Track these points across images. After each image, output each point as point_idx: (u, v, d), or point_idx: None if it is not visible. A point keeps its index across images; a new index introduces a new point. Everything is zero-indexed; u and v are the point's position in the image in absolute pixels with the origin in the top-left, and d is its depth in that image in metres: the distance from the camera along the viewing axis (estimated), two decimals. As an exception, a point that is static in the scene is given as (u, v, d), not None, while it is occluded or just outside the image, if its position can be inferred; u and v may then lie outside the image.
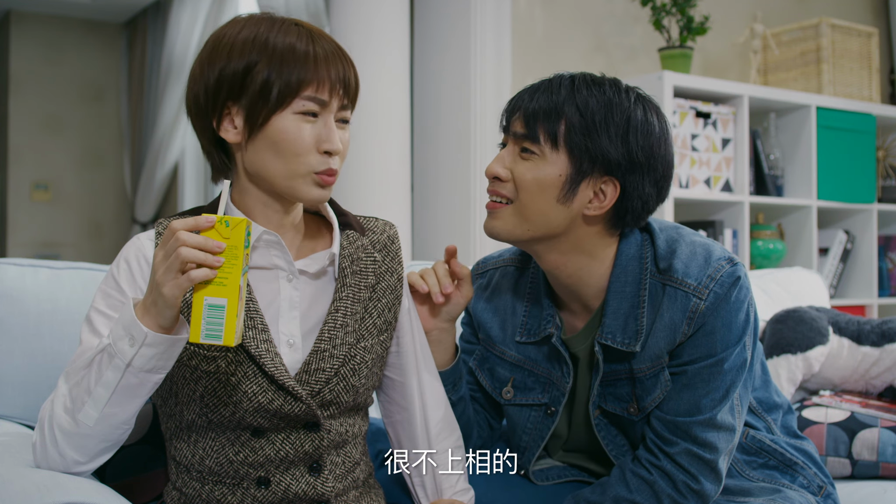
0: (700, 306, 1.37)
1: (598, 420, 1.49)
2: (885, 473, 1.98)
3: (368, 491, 1.42)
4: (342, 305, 1.35)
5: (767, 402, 1.60)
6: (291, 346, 1.32)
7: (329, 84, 1.27)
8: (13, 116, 6.61)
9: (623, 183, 1.37)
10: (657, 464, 1.41)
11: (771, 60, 3.83)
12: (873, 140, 3.78)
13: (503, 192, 1.41)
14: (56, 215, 6.75)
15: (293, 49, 1.26)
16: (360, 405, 1.40)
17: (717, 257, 1.40)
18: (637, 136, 1.36)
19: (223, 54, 1.27)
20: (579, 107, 1.36)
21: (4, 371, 1.56)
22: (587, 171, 1.36)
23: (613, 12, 3.65)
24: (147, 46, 6.34)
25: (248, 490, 1.31)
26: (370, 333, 1.37)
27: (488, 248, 3.27)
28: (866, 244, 3.82)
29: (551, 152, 1.37)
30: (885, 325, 2.20)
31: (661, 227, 1.47)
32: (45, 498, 1.09)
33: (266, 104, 1.25)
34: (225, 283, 1.10)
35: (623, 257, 1.43)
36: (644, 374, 1.42)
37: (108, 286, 1.30)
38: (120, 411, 1.19)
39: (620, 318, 1.42)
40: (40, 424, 1.23)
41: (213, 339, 1.10)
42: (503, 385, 1.57)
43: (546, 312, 1.51)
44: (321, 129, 1.28)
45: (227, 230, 1.10)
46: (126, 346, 1.15)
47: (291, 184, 1.28)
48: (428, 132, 3.45)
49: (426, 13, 3.47)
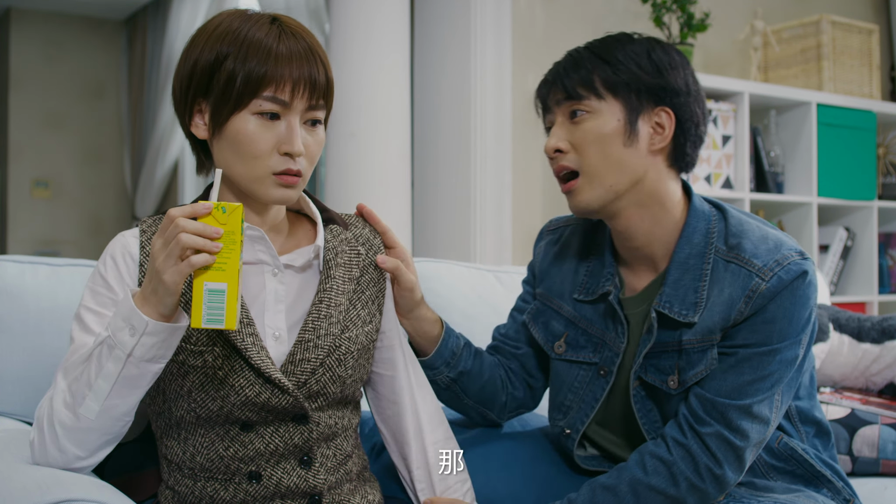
0: (761, 286, 1.37)
1: (635, 391, 1.49)
2: (885, 470, 1.98)
3: (363, 484, 1.43)
4: (326, 297, 1.35)
5: (807, 414, 1.57)
6: (277, 338, 1.32)
7: (291, 84, 1.24)
8: (13, 113, 6.61)
9: (673, 107, 1.43)
10: (683, 442, 1.40)
11: (771, 57, 3.83)
12: (874, 137, 3.78)
13: (567, 163, 1.45)
14: (56, 212, 6.75)
15: (259, 45, 1.25)
16: (348, 398, 1.40)
17: (788, 247, 1.41)
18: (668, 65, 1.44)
19: (198, 47, 1.28)
20: (610, 63, 1.43)
21: (4, 368, 1.56)
22: (638, 106, 1.42)
23: (614, 10, 3.65)
24: (147, 44, 6.34)
25: (239, 485, 1.31)
26: (354, 324, 1.37)
27: (489, 248, 3.28)
28: (866, 241, 3.82)
29: (599, 103, 1.43)
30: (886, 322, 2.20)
31: (735, 210, 1.50)
32: (45, 495, 1.09)
33: (227, 103, 1.25)
34: (224, 268, 1.12)
35: (690, 227, 1.46)
36: (693, 346, 1.42)
37: (95, 284, 1.31)
38: (121, 403, 1.19)
39: (680, 289, 1.43)
40: (38, 422, 1.23)
41: (214, 323, 1.12)
42: (556, 339, 1.58)
43: (607, 270, 1.53)
44: (282, 131, 1.26)
45: (224, 216, 1.12)
46: (126, 336, 1.15)
47: (252, 185, 1.28)
48: (428, 131, 3.45)
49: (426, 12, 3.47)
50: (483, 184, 3.29)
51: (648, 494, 1.40)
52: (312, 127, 1.30)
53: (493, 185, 3.30)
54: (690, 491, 1.40)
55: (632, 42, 1.46)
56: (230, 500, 1.31)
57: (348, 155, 3.01)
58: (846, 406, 2.05)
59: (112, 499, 1.16)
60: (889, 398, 2.14)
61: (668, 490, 1.40)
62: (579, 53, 1.48)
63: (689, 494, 1.40)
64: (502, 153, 3.32)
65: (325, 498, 1.35)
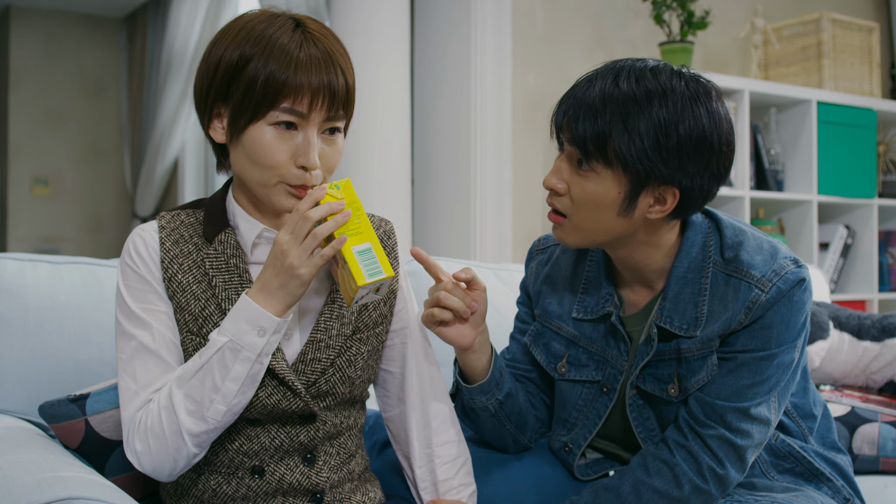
0: (761, 298, 1.38)
1: (632, 400, 1.49)
2: (885, 468, 1.99)
3: (364, 484, 1.43)
4: (339, 297, 1.36)
5: (804, 408, 1.58)
6: (289, 338, 1.32)
7: (310, 96, 1.23)
8: (13, 111, 6.61)
9: (681, 187, 1.36)
10: (684, 444, 1.41)
11: (771, 55, 3.83)
12: (874, 135, 3.78)
13: (559, 206, 1.41)
14: (56, 210, 6.75)
15: (280, 52, 1.23)
16: (356, 398, 1.40)
17: (783, 255, 1.41)
18: (689, 149, 1.33)
19: (221, 47, 1.27)
20: (629, 130, 1.32)
21: (4, 366, 1.56)
22: (644, 183, 1.34)
23: (614, 7, 3.65)
24: (147, 41, 6.34)
25: (242, 479, 1.31)
26: (366, 325, 1.38)
27: (489, 247, 3.27)
28: (867, 239, 3.82)
29: (605, 170, 1.35)
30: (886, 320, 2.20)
31: (727, 218, 1.48)
32: (46, 493, 1.09)
33: (245, 112, 1.24)
34: (361, 231, 1.22)
35: (688, 242, 1.44)
36: (693, 354, 1.42)
37: (129, 281, 1.31)
38: (244, 399, 1.25)
39: (680, 304, 1.43)
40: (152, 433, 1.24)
41: (376, 275, 1.20)
42: (558, 360, 1.57)
43: (605, 290, 1.52)
44: (299, 143, 1.25)
45: (339, 192, 1.23)
46: (254, 338, 1.21)
47: (265, 192, 1.28)
48: (428, 130, 3.45)
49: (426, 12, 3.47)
50: (483, 182, 3.28)
51: (651, 496, 1.40)
52: (331, 136, 1.29)
53: (493, 184, 3.30)
54: (694, 492, 1.40)
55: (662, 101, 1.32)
56: (232, 494, 1.32)
57: (348, 153, 3.01)
58: (846, 404, 2.05)
59: (112, 497, 1.16)
60: (889, 396, 2.14)
61: (672, 492, 1.40)
62: (601, 101, 1.34)
63: (693, 495, 1.40)
64: (502, 152, 3.31)
65: (326, 496, 1.35)
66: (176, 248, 1.31)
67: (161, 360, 1.28)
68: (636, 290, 1.51)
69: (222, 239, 1.32)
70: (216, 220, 1.34)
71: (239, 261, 1.32)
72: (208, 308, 1.29)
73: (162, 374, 1.27)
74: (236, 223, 1.34)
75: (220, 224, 1.34)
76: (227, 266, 1.31)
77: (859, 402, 2.06)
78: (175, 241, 1.32)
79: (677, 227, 1.46)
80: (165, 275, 1.30)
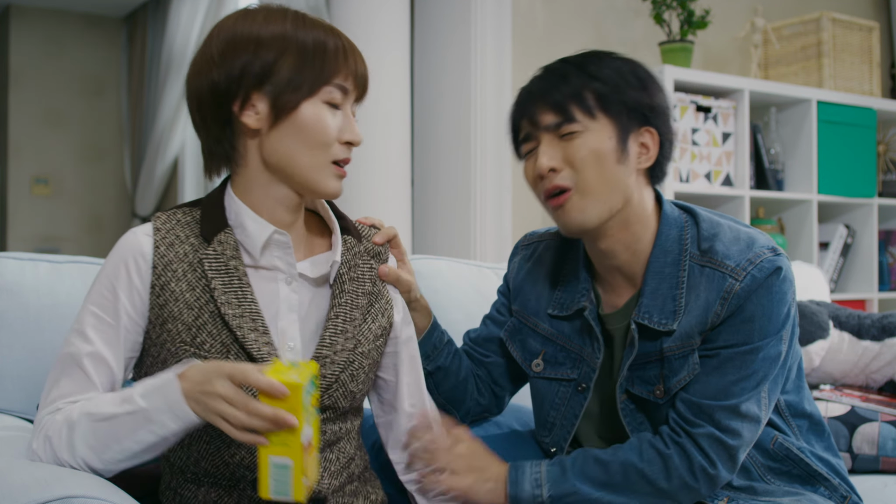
0: (735, 287, 1.37)
1: (623, 404, 1.49)
2: (885, 468, 1.99)
3: (365, 484, 1.42)
4: (342, 311, 1.34)
5: (797, 407, 1.56)
6: (292, 349, 1.30)
7: (354, 76, 1.30)
8: (13, 110, 6.61)
9: (657, 127, 1.44)
10: (678, 440, 1.40)
11: (772, 55, 3.83)
12: (874, 134, 3.78)
13: (562, 182, 1.42)
14: (56, 209, 6.75)
15: (323, 43, 1.27)
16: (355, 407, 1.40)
17: (760, 245, 1.41)
18: (650, 83, 1.45)
19: (249, 46, 1.25)
20: (597, 76, 1.42)
21: (4, 365, 1.56)
22: (629, 125, 1.42)
23: (614, 6, 3.65)
24: (147, 41, 6.34)
25: (244, 492, 1.30)
26: (367, 339, 1.36)
27: (489, 247, 3.27)
28: (867, 238, 3.82)
29: (592, 122, 1.41)
30: (886, 319, 2.20)
31: (705, 211, 1.49)
32: (46, 492, 1.09)
33: (297, 90, 1.25)
34: (288, 444, 1.09)
35: (663, 236, 1.45)
36: (674, 353, 1.42)
37: (102, 286, 1.29)
38: (148, 457, 1.20)
39: (658, 299, 1.43)
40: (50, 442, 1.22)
41: (282, 495, 1.10)
42: (534, 357, 1.58)
43: (581, 286, 1.52)
44: (342, 120, 1.30)
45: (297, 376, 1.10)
46: (168, 420, 1.15)
47: (313, 174, 1.29)
48: (428, 129, 3.45)
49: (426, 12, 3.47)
50: (483, 182, 3.28)
51: (638, 480, 1.40)
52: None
53: (493, 183, 3.30)
54: (682, 488, 1.40)
55: (611, 58, 1.45)
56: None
57: (348, 152, 3.01)
58: (846, 403, 2.05)
59: (112, 495, 1.16)
60: (889, 395, 2.14)
61: (660, 482, 1.40)
62: (562, 68, 1.45)
63: (681, 490, 1.40)
64: (502, 151, 3.31)
65: (328, 502, 1.34)
66: (171, 253, 1.28)
67: (88, 378, 1.25)
68: (616, 287, 1.51)
69: (221, 239, 1.30)
70: (214, 220, 1.31)
71: (239, 262, 1.29)
72: (202, 317, 1.27)
73: (83, 390, 1.25)
74: (240, 222, 1.31)
75: (219, 223, 1.31)
76: (226, 268, 1.28)
77: (859, 402, 2.06)
78: (170, 243, 1.29)
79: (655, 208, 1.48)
80: (158, 282, 1.27)
